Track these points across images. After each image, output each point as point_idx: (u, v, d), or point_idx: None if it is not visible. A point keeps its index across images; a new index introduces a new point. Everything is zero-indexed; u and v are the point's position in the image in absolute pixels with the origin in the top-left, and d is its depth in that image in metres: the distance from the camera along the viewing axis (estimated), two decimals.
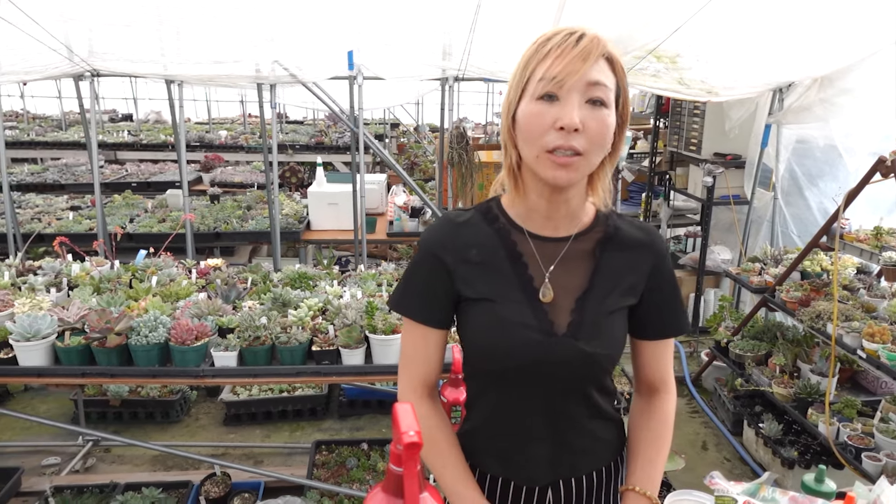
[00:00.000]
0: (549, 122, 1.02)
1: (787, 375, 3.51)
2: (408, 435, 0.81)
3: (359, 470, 3.10)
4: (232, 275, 3.10)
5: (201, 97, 11.35)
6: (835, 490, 1.53)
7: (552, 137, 1.03)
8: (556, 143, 1.02)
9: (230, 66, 3.72)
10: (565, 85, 1.01)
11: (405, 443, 0.81)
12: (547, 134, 1.03)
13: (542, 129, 1.03)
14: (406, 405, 0.88)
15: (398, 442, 0.83)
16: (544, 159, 1.05)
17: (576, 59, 1.01)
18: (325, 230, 4.98)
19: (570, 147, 1.02)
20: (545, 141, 1.03)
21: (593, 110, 1.03)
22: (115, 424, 3.82)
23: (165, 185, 6.43)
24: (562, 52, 1.01)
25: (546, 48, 1.03)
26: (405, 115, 11.04)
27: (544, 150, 1.04)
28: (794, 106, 4.01)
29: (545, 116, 1.03)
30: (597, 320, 1.15)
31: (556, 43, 1.03)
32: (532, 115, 1.04)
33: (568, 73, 1.00)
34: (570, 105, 1.01)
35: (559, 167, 1.04)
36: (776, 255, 4.06)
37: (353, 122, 4.02)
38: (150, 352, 2.32)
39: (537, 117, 1.03)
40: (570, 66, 1.01)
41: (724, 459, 3.61)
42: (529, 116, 1.04)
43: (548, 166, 1.05)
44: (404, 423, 0.83)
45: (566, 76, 1.01)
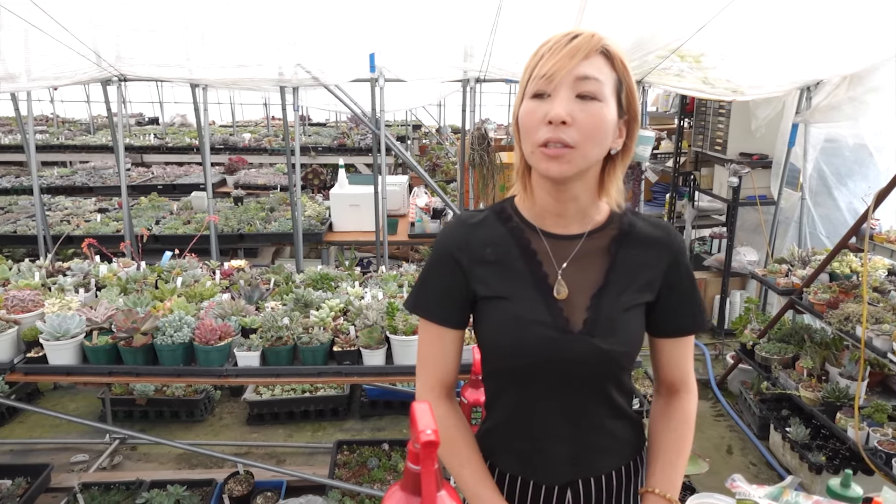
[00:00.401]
0: (540, 118, 1.05)
1: (814, 379, 3.44)
2: (425, 434, 0.81)
3: (380, 470, 3.11)
4: (255, 276, 3.14)
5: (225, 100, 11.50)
6: (861, 495, 1.50)
7: (543, 132, 1.06)
8: (546, 137, 1.05)
9: (253, 69, 3.76)
10: (554, 81, 1.04)
11: (422, 441, 0.81)
12: (539, 129, 1.06)
13: (534, 125, 1.06)
14: (423, 404, 0.88)
15: (416, 440, 0.83)
16: (537, 153, 1.08)
17: (564, 57, 1.04)
18: (347, 231, 5.00)
19: (558, 140, 1.04)
20: (537, 136, 1.06)
21: (583, 104, 1.05)
22: (142, 423, 3.89)
23: (190, 187, 6.53)
24: (552, 52, 1.05)
25: (542, 50, 1.07)
26: (427, 116, 11.07)
27: (537, 145, 1.07)
28: (822, 104, 3.94)
29: (537, 112, 1.06)
30: (613, 317, 1.15)
31: (550, 44, 1.06)
32: (526, 112, 1.08)
33: (556, 69, 1.03)
34: (556, 99, 1.04)
35: (550, 159, 1.06)
36: (804, 256, 3.98)
37: (375, 124, 4.04)
38: (175, 351, 2.36)
39: (531, 114, 1.07)
40: (559, 63, 1.03)
41: (750, 464, 3.56)
42: (525, 114, 1.08)
43: (540, 159, 1.08)
44: (422, 422, 0.83)
45: (554, 72, 1.04)
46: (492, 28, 3.28)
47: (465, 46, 3.77)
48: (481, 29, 3.45)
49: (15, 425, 3.83)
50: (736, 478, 1.24)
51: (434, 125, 10.98)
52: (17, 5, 2.98)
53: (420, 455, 0.83)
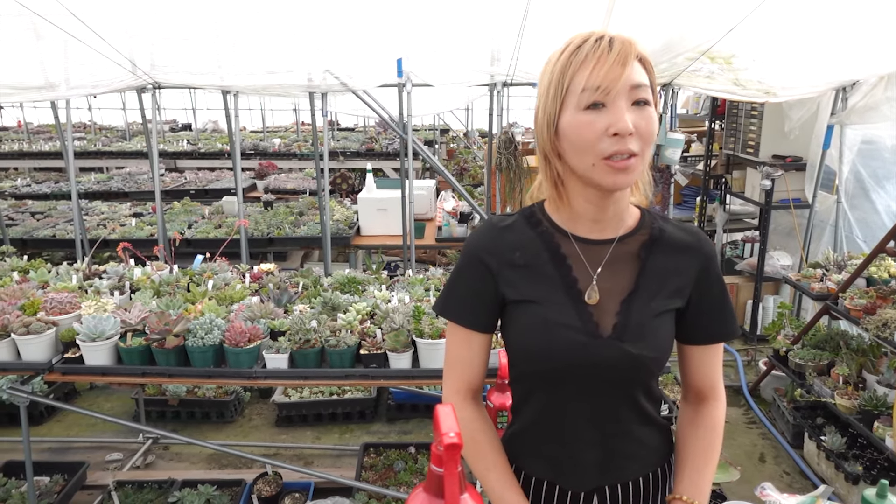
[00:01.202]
0: (601, 130, 1.03)
1: (851, 386, 3.35)
2: (448, 436, 0.82)
3: (406, 473, 3.12)
4: (284, 279, 3.18)
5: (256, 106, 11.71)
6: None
7: (607, 144, 1.03)
8: (612, 150, 1.03)
9: (283, 75, 3.82)
10: (611, 92, 1.01)
11: (445, 444, 0.81)
12: (601, 142, 1.03)
13: (594, 138, 1.03)
14: (447, 407, 0.88)
15: (439, 443, 0.84)
16: (601, 167, 1.05)
17: (615, 65, 1.01)
18: (375, 235, 5.04)
19: (626, 151, 1.03)
20: (600, 149, 1.04)
21: (640, 111, 1.04)
22: (174, 423, 3.97)
23: (222, 192, 6.64)
24: (599, 59, 1.02)
25: (580, 56, 1.04)
26: (455, 120, 11.09)
27: (600, 158, 1.04)
28: (858, 105, 3.84)
29: (596, 125, 1.03)
30: (642, 322, 1.14)
31: (589, 49, 1.03)
32: (582, 125, 1.04)
33: (612, 79, 1.01)
34: (619, 111, 1.02)
35: (618, 172, 1.04)
36: (839, 260, 3.89)
37: (402, 129, 4.07)
38: (206, 353, 2.40)
39: (588, 126, 1.03)
40: (612, 72, 1.01)
41: (784, 473, 3.48)
42: (579, 127, 1.04)
43: (606, 172, 1.05)
44: (445, 425, 0.84)
45: (610, 83, 1.01)
46: (518, 32, 3.28)
47: (492, 50, 3.77)
48: (508, 33, 3.45)
49: (53, 424, 3.94)
50: (766, 486, 1.22)
51: (462, 129, 11.00)
52: (58, 17, 3.08)
53: (443, 457, 0.83)
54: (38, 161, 8.59)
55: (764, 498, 1.21)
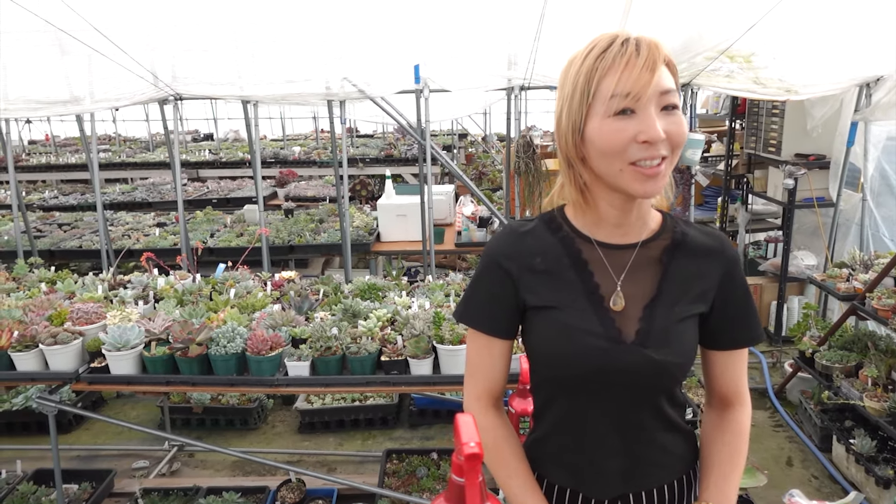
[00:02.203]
0: (630, 137, 1.01)
1: (880, 388, 3.28)
2: (468, 446, 0.82)
3: (428, 479, 3.12)
4: (304, 286, 3.21)
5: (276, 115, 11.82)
6: None
7: (635, 150, 1.02)
8: (640, 156, 1.02)
9: (301, 84, 3.86)
10: (642, 98, 1.00)
11: (466, 454, 0.81)
12: (629, 148, 1.02)
13: (623, 145, 1.02)
14: (467, 416, 0.88)
15: (459, 453, 0.84)
16: (629, 172, 1.04)
17: (644, 71, 0.99)
18: (395, 241, 5.06)
19: (657, 156, 1.02)
20: (628, 155, 1.03)
21: (669, 116, 1.03)
22: (198, 430, 4.01)
23: (243, 200, 6.71)
24: (627, 64, 1.00)
25: (607, 61, 1.01)
26: (472, 125, 11.10)
27: (627, 164, 1.03)
28: (883, 101, 3.77)
29: (625, 132, 1.01)
30: (666, 328, 1.13)
31: (616, 53, 1.01)
32: (611, 132, 1.02)
33: (641, 86, 0.99)
34: (650, 118, 1.01)
35: (648, 178, 1.03)
36: (866, 260, 3.81)
37: (421, 135, 4.08)
38: (228, 361, 2.43)
39: (618, 133, 1.02)
40: (641, 78, 0.99)
41: (812, 477, 3.41)
42: (608, 134, 1.02)
43: (635, 178, 1.04)
44: (465, 435, 0.83)
45: (640, 89, 0.99)
46: (535, 35, 3.27)
47: (509, 54, 3.77)
48: (524, 36, 3.45)
49: (81, 432, 4.00)
50: (794, 493, 1.20)
51: (480, 133, 11.00)
52: (82, 32, 3.15)
53: (464, 467, 0.83)
54: (64, 173, 8.76)
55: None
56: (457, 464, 0.85)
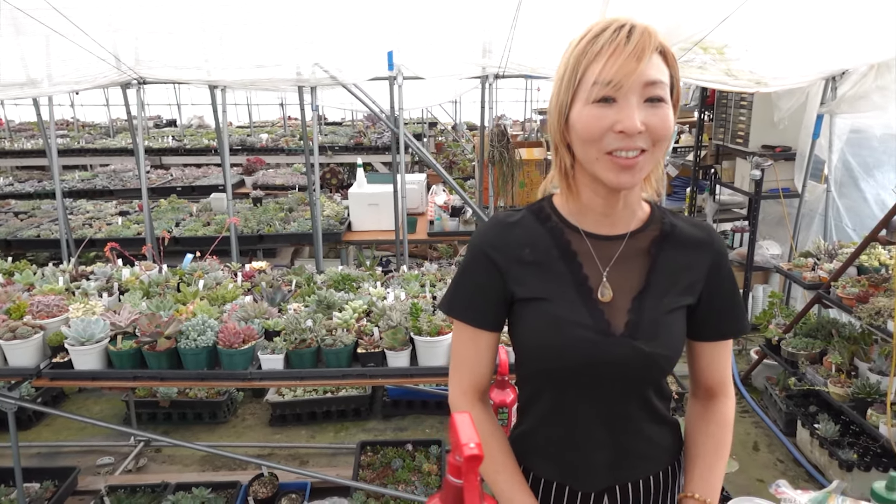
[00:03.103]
0: (608, 126, 1.00)
1: (843, 374, 3.38)
2: (468, 447, 0.79)
3: (404, 471, 3.10)
4: (276, 277, 3.14)
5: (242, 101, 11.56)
6: None
7: (611, 140, 1.00)
8: (616, 146, 1.00)
9: (271, 69, 3.75)
10: (623, 88, 0.98)
11: (466, 455, 0.78)
12: (605, 137, 1.01)
13: (600, 132, 1.01)
14: (464, 415, 0.86)
15: (458, 453, 0.81)
16: (604, 161, 1.02)
17: (630, 59, 0.97)
18: (366, 231, 5.00)
19: (633, 147, 1.00)
20: (604, 143, 1.01)
21: (652, 108, 1.01)
22: (165, 425, 3.91)
23: (209, 188, 6.56)
24: (614, 51, 0.98)
25: (596, 46, 0.99)
26: (443, 113, 11.03)
27: (604, 153, 1.02)
28: (848, 94, 3.85)
29: (603, 120, 1.00)
30: (655, 319, 1.12)
31: (606, 40, 0.99)
32: (590, 119, 1.01)
33: (624, 74, 0.97)
34: (629, 108, 0.99)
35: (622, 170, 1.02)
36: (830, 249, 3.91)
37: (394, 123, 4.02)
38: (199, 355, 2.35)
39: (596, 121, 1.00)
40: (625, 66, 0.97)
41: (778, 461, 3.50)
42: (587, 121, 1.01)
43: (609, 168, 1.03)
44: (464, 435, 0.81)
45: (622, 78, 0.97)
46: (511, 23, 3.24)
47: (484, 42, 3.73)
48: (500, 24, 3.41)
49: (42, 428, 3.87)
50: (780, 483, 1.21)
51: (450, 122, 10.95)
52: (39, 11, 2.99)
53: (463, 469, 0.80)
54: (20, 160, 8.43)
55: (779, 496, 1.20)
56: (454, 465, 0.82)
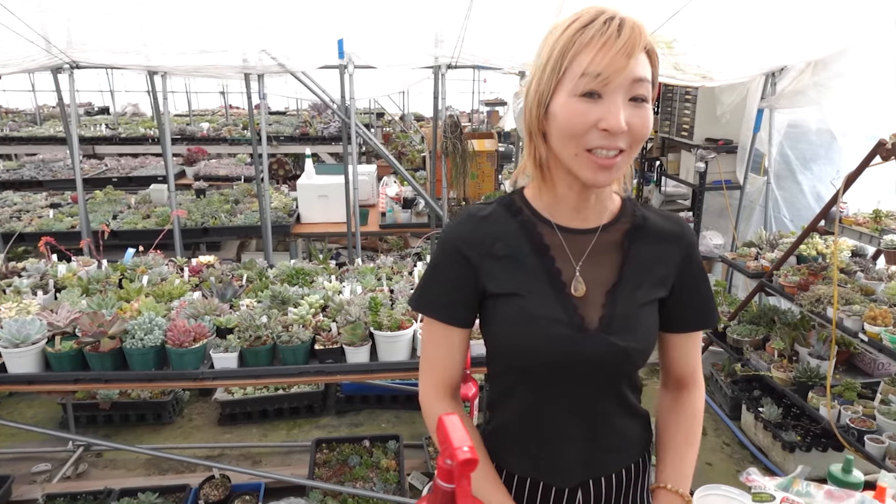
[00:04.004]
0: (592, 122, 0.97)
1: (785, 359, 3.52)
2: (462, 451, 0.76)
3: (362, 468, 3.05)
4: (226, 272, 3.02)
5: (180, 89, 11.09)
6: (862, 481, 1.51)
7: (593, 137, 0.98)
8: (597, 143, 0.98)
9: (217, 55, 3.59)
10: (611, 83, 0.96)
11: (460, 459, 0.75)
12: (588, 133, 0.98)
13: (583, 129, 0.98)
14: (453, 417, 0.82)
15: (449, 457, 0.78)
16: (584, 158, 1.00)
17: (620, 55, 0.94)
18: (316, 223, 4.89)
19: (614, 147, 0.98)
20: (585, 140, 0.99)
21: (636, 108, 0.99)
22: (106, 428, 3.73)
23: (148, 179, 6.28)
24: (604, 44, 0.95)
25: (585, 36, 0.96)
26: (391, 104, 10.91)
27: (584, 149, 1.00)
28: (787, 90, 4.00)
29: (587, 115, 0.97)
30: (629, 313, 1.12)
31: (596, 31, 0.96)
32: (573, 112, 0.98)
33: (614, 70, 0.95)
34: (615, 106, 0.97)
35: (601, 169, 1.00)
36: (771, 239, 4.06)
37: (345, 113, 3.93)
38: (146, 355, 2.24)
39: (580, 116, 0.98)
40: (616, 61, 0.94)
41: (724, 444, 3.62)
42: (570, 114, 0.98)
43: (587, 166, 1.01)
44: (456, 438, 0.78)
45: (612, 73, 0.95)
46: (465, 13, 3.20)
47: (437, 32, 3.68)
48: (453, 14, 3.37)
49: None
50: (751, 471, 1.23)
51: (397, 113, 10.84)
52: None
53: (456, 473, 0.77)
54: None
55: (750, 483, 1.22)
56: (445, 468, 0.79)
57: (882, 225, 2.93)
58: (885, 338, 2.74)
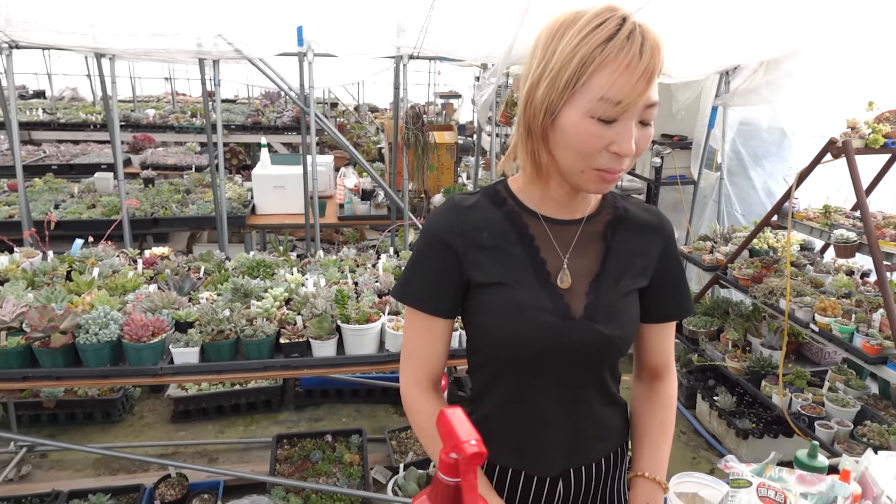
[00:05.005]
0: (604, 145, 0.96)
1: (739, 350, 3.63)
2: (469, 444, 0.74)
3: (324, 463, 2.99)
4: (182, 264, 2.91)
5: (124, 73, 10.61)
6: (827, 465, 1.57)
7: (604, 159, 0.98)
8: (607, 165, 0.98)
9: (169, 39, 3.44)
10: (630, 111, 0.94)
11: (469, 453, 0.73)
12: (599, 155, 0.98)
13: (595, 150, 0.97)
14: (456, 410, 0.80)
15: (454, 450, 0.75)
16: (590, 174, 1.01)
17: (642, 81, 0.92)
18: (272, 214, 4.77)
19: (620, 168, 0.99)
20: (595, 161, 0.98)
21: (643, 129, 0.99)
22: (51, 427, 3.55)
23: (91, 167, 6.00)
24: (628, 67, 0.91)
25: (608, 52, 0.91)
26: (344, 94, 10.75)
27: (592, 168, 0.99)
28: (741, 88, 4.12)
29: (601, 139, 0.96)
30: (612, 303, 1.13)
31: (619, 49, 0.91)
32: (587, 135, 0.96)
33: (635, 97, 0.92)
34: (628, 132, 0.95)
35: (605, 182, 1.01)
36: (725, 234, 4.18)
37: (304, 101, 3.83)
38: (101, 351, 2.13)
39: (593, 139, 0.96)
40: (637, 87, 0.92)
41: (680, 433, 3.71)
42: (583, 136, 0.96)
43: (593, 181, 1.02)
44: (462, 431, 0.76)
45: (632, 102, 0.93)
46: (431, 3, 3.16)
47: (399, 21, 3.62)
48: (417, 3, 3.32)
49: None
50: (729, 458, 1.25)
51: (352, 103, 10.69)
52: None
53: (462, 467, 0.75)
54: None
55: (728, 470, 1.24)
56: (448, 462, 0.77)
57: (832, 220, 3.05)
58: (835, 328, 2.86)
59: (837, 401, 3.03)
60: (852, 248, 2.90)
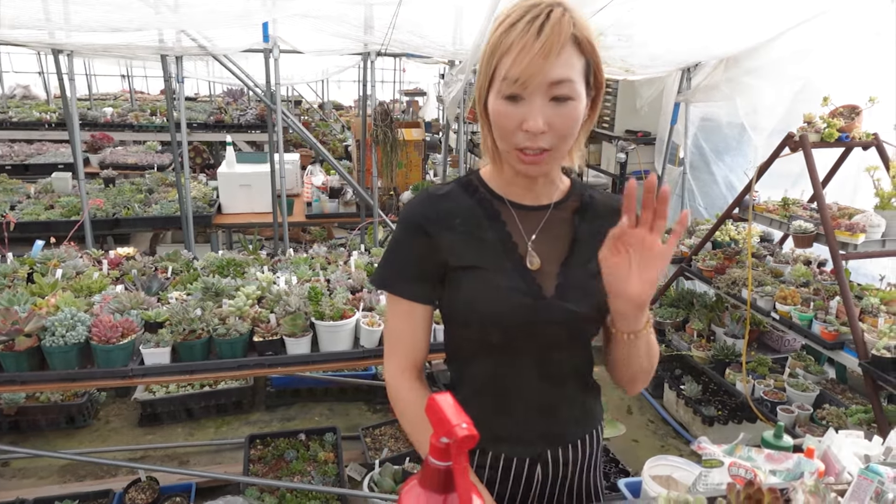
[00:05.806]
0: (516, 123, 1.02)
1: (704, 339, 3.73)
2: (461, 427, 0.75)
3: (299, 462, 2.98)
4: (149, 264, 2.85)
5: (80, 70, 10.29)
6: (792, 444, 1.63)
7: (520, 138, 1.04)
8: (524, 144, 1.04)
9: (131, 35, 3.36)
10: (528, 87, 0.99)
11: (460, 436, 0.74)
12: (515, 134, 1.04)
13: (510, 129, 1.04)
14: (446, 396, 0.82)
15: (446, 435, 0.77)
16: (514, 155, 1.07)
17: (537, 58, 0.97)
18: (239, 213, 4.71)
19: (536, 147, 1.03)
20: (514, 140, 1.05)
21: (558, 107, 1.01)
22: (12, 435, 3.44)
23: (46, 167, 5.84)
24: (523, 48, 0.98)
25: (508, 38, 0.99)
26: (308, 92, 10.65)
27: (513, 148, 1.06)
28: (702, 85, 4.22)
29: (512, 117, 1.02)
30: (582, 283, 1.17)
31: (518, 33, 0.98)
32: (500, 114, 1.04)
33: (530, 74, 0.98)
34: (533, 109, 1.00)
35: (528, 164, 1.06)
36: (689, 226, 4.28)
37: (270, 98, 3.79)
38: (69, 353, 2.08)
39: (505, 117, 1.03)
40: (531, 65, 0.97)
41: (649, 421, 3.80)
42: (498, 115, 1.04)
43: (517, 161, 1.07)
44: (453, 416, 0.77)
45: (528, 78, 0.98)
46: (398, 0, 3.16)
47: (366, 18, 3.62)
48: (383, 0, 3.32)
49: None
50: (702, 440, 1.30)
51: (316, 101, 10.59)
52: None
53: (453, 451, 0.76)
54: None
55: (701, 451, 1.29)
56: (439, 447, 0.78)
57: (790, 212, 3.15)
58: (795, 316, 2.96)
59: (798, 386, 3.14)
60: (810, 239, 3.01)
